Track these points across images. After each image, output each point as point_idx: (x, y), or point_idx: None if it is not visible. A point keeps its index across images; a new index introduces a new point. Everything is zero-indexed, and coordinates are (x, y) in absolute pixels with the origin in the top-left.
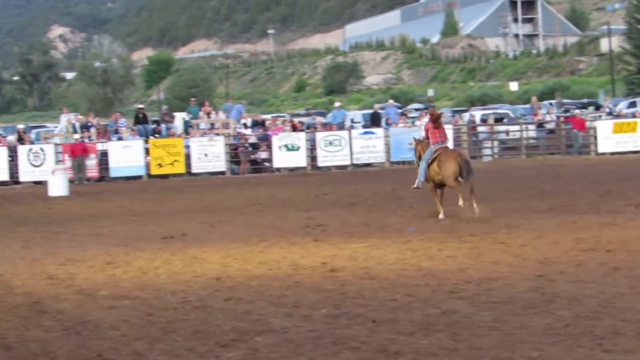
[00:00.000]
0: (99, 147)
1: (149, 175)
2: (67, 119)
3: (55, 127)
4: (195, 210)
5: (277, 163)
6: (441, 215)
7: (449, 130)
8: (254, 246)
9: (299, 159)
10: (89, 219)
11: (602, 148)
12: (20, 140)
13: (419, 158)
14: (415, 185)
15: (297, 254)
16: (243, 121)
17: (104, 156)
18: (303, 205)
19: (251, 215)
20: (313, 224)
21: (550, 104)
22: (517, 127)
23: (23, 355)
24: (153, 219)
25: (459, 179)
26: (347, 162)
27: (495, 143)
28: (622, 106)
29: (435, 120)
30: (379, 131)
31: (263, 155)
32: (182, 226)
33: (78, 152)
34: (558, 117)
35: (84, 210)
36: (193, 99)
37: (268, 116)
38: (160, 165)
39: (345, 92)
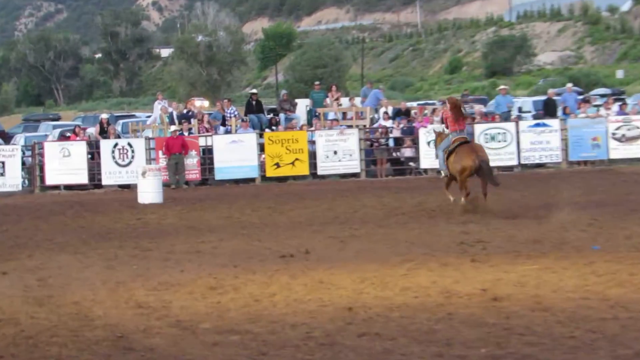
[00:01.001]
0: (202, 142)
1: (264, 178)
2: (161, 107)
3: (148, 116)
4: (322, 222)
5: (424, 163)
6: (461, 199)
7: None
8: (396, 268)
9: None
10: (188, 232)
11: None
12: (104, 133)
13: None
14: (443, 175)
15: (450, 278)
16: (382, 110)
17: (207, 153)
18: (458, 216)
19: (392, 229)
20: (470, 240)
21: None
22: None
23: None
24: (268, 232)
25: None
26: (514, 162)
27: None
28: None
29: (456, 109)
30: (554, 123)
31: (407, 153)
32: (305, 242)
33: (175, 149)
34: None
35: (181, 221)
36: (318, 83)
37: (414, 104)
38: (277, 165)
39: (511, 73)
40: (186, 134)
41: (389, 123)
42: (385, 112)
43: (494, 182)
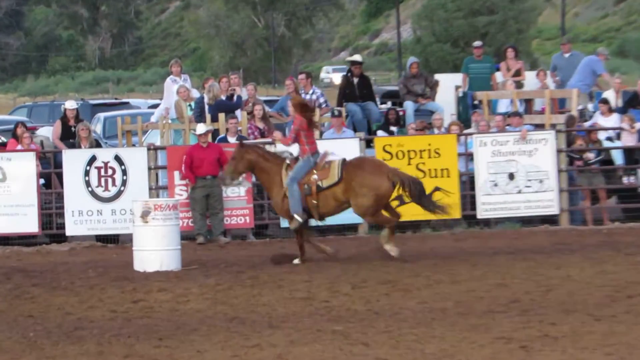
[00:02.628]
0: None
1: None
2: (179, 89)
3: (153, 106)
4: (485, 311)
5: None
6: (297, 261)
7: None
8: None
9: None
10: (229, 327)
11: None
12: (69, 137)
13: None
14: (292, 225)
15: None
16: (604, 95)
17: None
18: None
19: (623, 325)
20: None
21: None
22: None
23: None
24: (383, 329)
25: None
26: None
27: None
28: None
29: (305, 114)
30: None
31: None
32: (453, 349)
33: (206, 168)
34: None
35: (217, 306)
36: (479, 44)
37: None
38: (400, 200)
39: None
40: (230, 139)
41: (612, 120)
42: (604, 101)
43: (435, 207)
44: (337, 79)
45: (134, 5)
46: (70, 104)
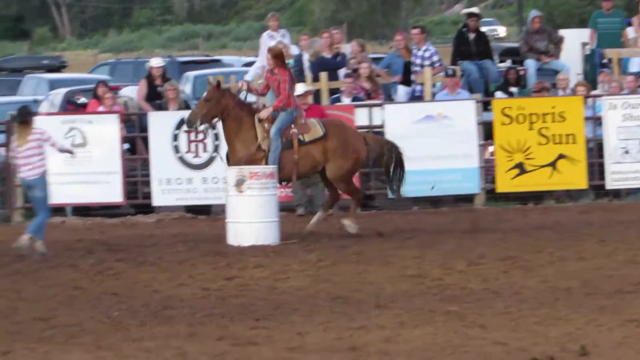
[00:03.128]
0: (361, 117)
1: (491, 195)
2: (277, 45)
3: (247, 64)
4: (614, 290)
5: None
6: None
7: None
8: None
9: None
10: (332, 307)
11: None
12: (155, 97)
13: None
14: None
15: None
16: None
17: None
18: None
19: None
20: None
21: None
22: None
23: None
24: (502, 309)
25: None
26: None
27: None
28: None
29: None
30: None
31: None
32: (580, 331)
33: None
34: None
35: (319, 284)
36: None
37: None
38: (520, 168)
39: None
40: (345, 100)
41: None
42: None
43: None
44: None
45: None
46: (156, 62)
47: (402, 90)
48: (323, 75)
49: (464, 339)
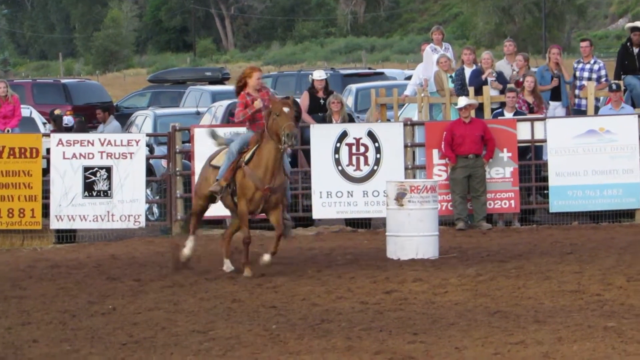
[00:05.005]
0: (525, 132)
1: None
2: (439, 58)
3: (407, 78)
4: None
5: None
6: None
7: None
8: None
9: None
10: (492, 322)
11: None
12: (319, 109)
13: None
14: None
15: None
16: None
17: (535, 158)
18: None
19: None
20: None
21: None
22: None
23: None
24: None
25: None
26: None
27: None
28: None
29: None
30: None
31: None
32: None
33: (469, 146)
34: None
35: (479, 299)
36: None
37: None
38: None
39: None
40: (507, 115)
41: None
42: None
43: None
44: None
45: None
46: (319, 74)
47: (552, 105)
48: (486, 89)
49: (622, 355)
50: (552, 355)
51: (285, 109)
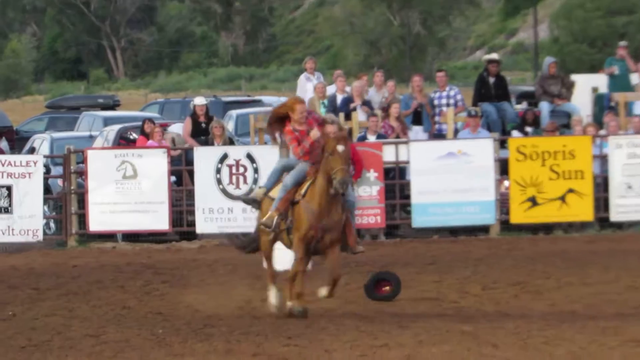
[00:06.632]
0: (389, 154)
1: (506, 226)
2: (314, 87)
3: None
4: (617, 313)
5: None
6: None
7: None
8: None
9: None
10: (359, 326)
11: None
12: (201, 133)
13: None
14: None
15: None
16: None
17: (398, 177)
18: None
19: None
20: None
21: None
22: None
23: None
24: (512, 330)
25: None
26: None
27: None
28: None
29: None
30: None
31: None
32: (581, 350)
33: None
34: None
35: (347, 305)
36: (623, 44)
37: None
38: (533, 201)
39: None
40: (370, 138)
41: None
42: None
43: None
44: None
45: (268, 1)
46: (200, 101)
47: (414, 130)
48: (354, 115)
49: (477, 357)
50: (413, 357)
51: (340, 148)
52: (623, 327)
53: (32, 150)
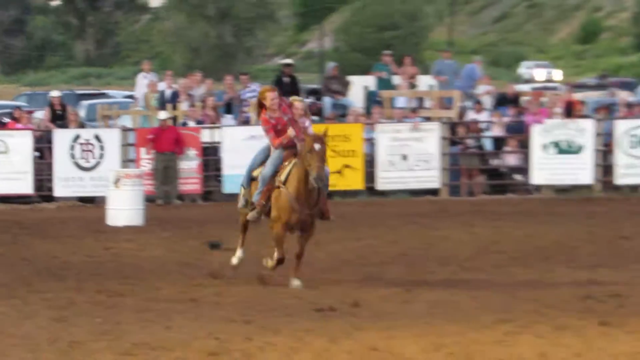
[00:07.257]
0: (206, 136)
1: None
2: (148, 83)
3: (127, 97)
4: (380, 262)
5: (538, 177)
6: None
7: None
8: (487, 331)
9: (579, 171)
10: (179, 270)
11: None
12: (58, 119)
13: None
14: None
15: (568, 349)
16: (481, 94)
17: (212, 154)
18: (584, 257)
19: (484, 274)
20: (601, 294)
21: None
22: None
23: None
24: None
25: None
26: None
27: None
28: None
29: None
30: None
31: (511, 161)
32: (354, 290)
33: (166, 146)
34: None
35: (170, 254)
36: (387, 53)
37: (525, 87)
38: None
39: None
40: (184, 124)
41: (484, 116)
42: (477, 101)
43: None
44: (538, 75)
45: (114, 16)
46: (54, 93)
47: (227, 117)
48: (179, 105)
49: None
50: (223, 294)
51: (317, 146)
52: (384, 271)
53: None
